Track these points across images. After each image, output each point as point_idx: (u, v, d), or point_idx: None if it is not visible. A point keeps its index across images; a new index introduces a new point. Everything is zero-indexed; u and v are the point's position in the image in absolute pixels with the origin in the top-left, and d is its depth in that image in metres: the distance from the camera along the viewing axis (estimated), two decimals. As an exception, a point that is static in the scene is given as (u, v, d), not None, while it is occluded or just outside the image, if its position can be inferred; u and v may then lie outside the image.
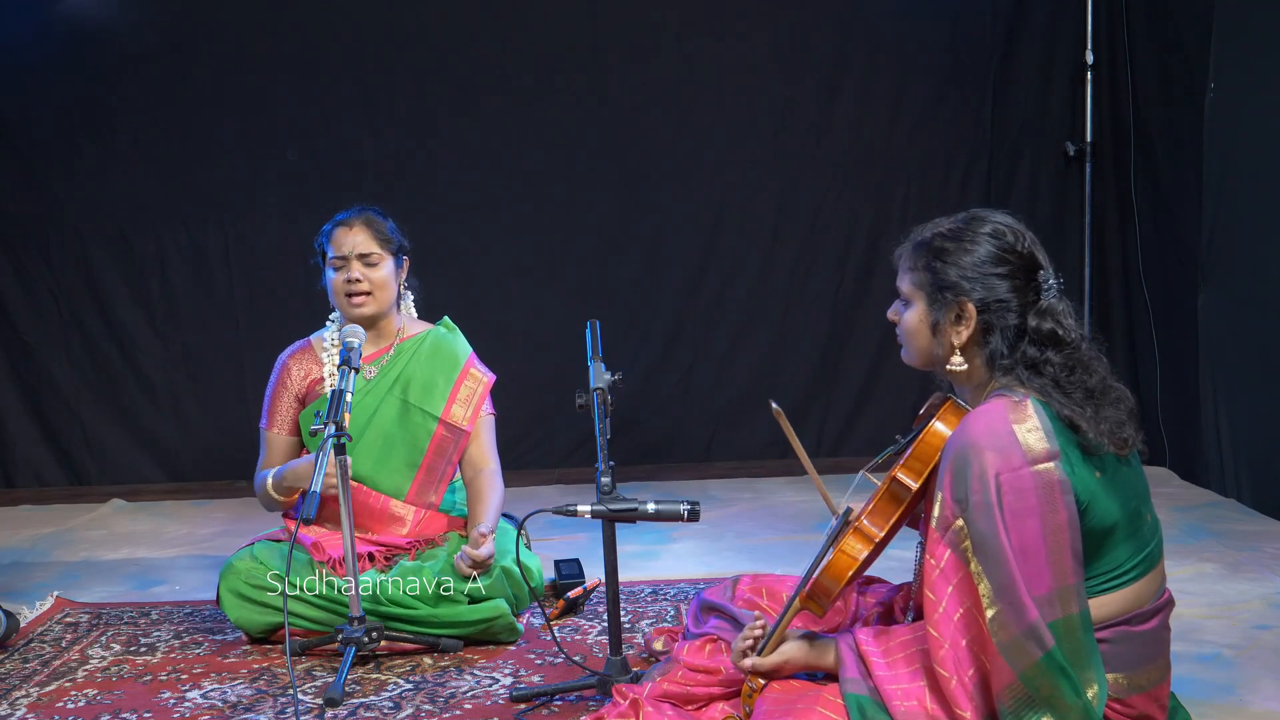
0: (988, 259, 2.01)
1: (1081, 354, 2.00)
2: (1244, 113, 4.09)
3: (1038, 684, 1.83)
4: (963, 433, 1.92)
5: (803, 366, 5.07)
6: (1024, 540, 1.85)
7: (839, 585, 2.05)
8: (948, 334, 2.03)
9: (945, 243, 2.04)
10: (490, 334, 3.69)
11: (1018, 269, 2.01)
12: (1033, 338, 1.98)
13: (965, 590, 1.89)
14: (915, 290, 2.07)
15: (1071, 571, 1.87)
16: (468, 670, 2.79)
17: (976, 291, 1.99)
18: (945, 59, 5.01)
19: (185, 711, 2.62)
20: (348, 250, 3.08)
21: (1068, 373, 1.97)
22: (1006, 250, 2.02)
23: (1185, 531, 3.79)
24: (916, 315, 2.06)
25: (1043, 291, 2.00)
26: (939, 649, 1.90)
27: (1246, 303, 4.12)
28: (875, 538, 2.05)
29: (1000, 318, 1.99)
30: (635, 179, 5.06)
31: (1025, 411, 1.90)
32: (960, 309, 2.01)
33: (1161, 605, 2.04)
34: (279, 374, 3.21)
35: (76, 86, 4.98)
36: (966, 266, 2.00)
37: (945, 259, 2.02)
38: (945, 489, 1.91)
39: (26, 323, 5.11)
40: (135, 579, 3.75)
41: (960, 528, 1.89)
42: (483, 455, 3.22)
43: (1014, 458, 1.86)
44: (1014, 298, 2.00)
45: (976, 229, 2.04)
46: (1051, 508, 1.86)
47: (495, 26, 4.99)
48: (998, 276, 2.00)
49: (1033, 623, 1.83)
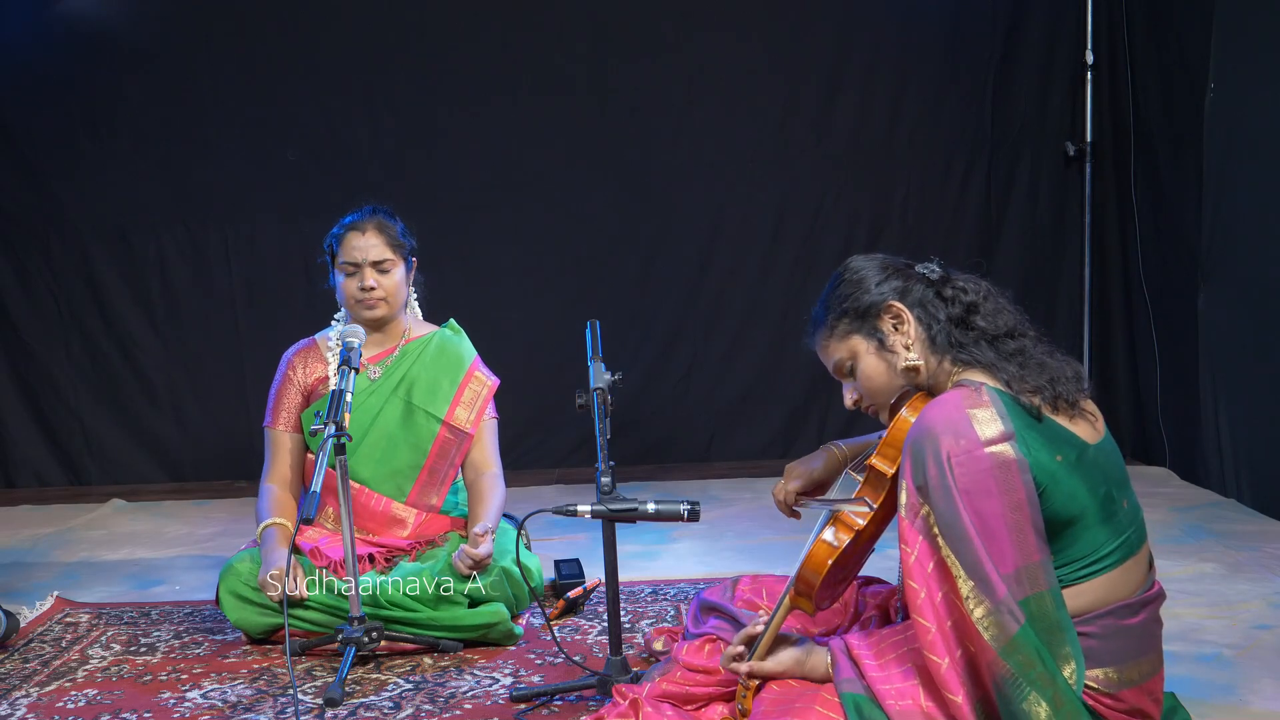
0: (875, 275, 2.16)
1: (995, 304, 2.12)
2: (1244, 113, 4.09)
3: (1018, 659, 1.87)
4: (920, 420, 1.97)
5: (803, 366, 5.06)
6: (984, 520, 1.89)
7: (819, 576, 2.06)
8: (897, 345, 2.11)
9: (838, 292, 2.17)
10: (490, 334, 3.69)
11: (899, 270, 2.17)
12: (952, 307, 2.11)
13: (941, 573, 1.92)
14: (847, 343, 2.16)
15: (1035, 549, 1.91)
16: (468, 670, 2.79)
17: (892, 294, 2.13)
18: (945, 59, 5.01)
19: (185, 711, 2.61)
20: (360, 257, 3.08)
21: (991, 319, 2.09)
22: (881, 264, 2.18)
23: (1185, 531, 3.79)
24: (866, 358, 2.14)
25: (930, 274, 2.15)
26: (927, 635, 1.93)
27: (1246, 303, 4.12)
28: (856, 526, 2.06)
29: (925, 309, 2.11)
30: (635, 179, 5.07)
31: (980, 397, 1.95)
32: (891, 311, 2.12)
33: (1150, 598, 2.04)
34: (284, 371, 3.21)
35: (76, 86, 4.98)
36: (869, 287, 2.15)
37: (851, 298, 2.15)
38: (906, 476, 1.96)
39: (26, 323, 5.11)
40: (135, 579, 3.75)
41: (926, 513, 1.93)
42: (485, 458, 3.22)
43: (967, 439, 1.91)
44: (919, 287, 2.13)
45: (847, 273, 2.19)
46: (1008, 486, 1.90)
47: (495, 26, 5.00)
48: (893, 279, 2.15)
49: (1002, 599, 1.87)
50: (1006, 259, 5.01)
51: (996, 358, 2.04)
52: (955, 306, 2.11)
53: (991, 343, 2.07)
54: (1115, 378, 4.98)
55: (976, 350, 2.06)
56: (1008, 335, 2.08)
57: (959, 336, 2.08)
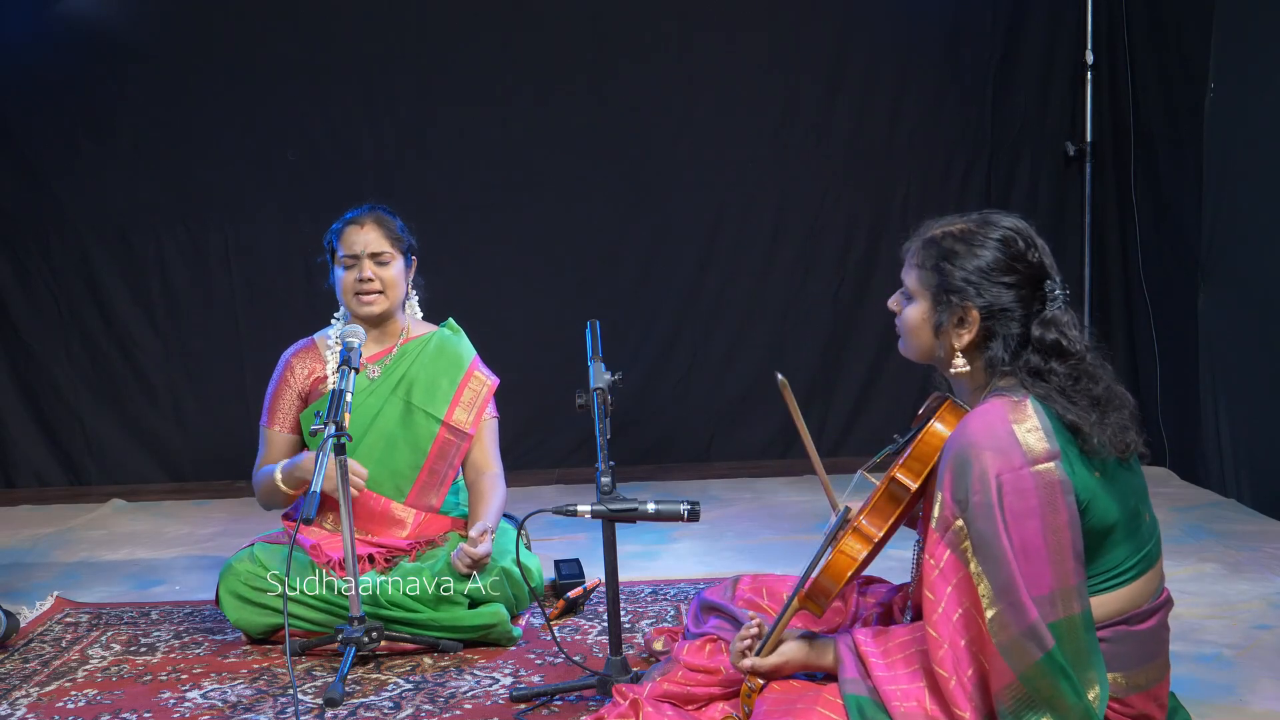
0: (996, 266, 1.99)
1: (1086, 364, 1.99)
2: (1244, 113, 4.09)
3: (1037, 684, 1.83)
4: (962, 433, 1.92)
5: (803, 367, 5.06)
6: (1025, 541, 1.85)
7: (838, 585, 2.05)
8: (950, 336, 2.02)
9: (955, 244, 2.03)
10: (490, 334, 3.69)
11: (1025, 278, 2.00)
12: (1036, 347, 1.97)
13: (964, 590, 1.89)
14: (920, 288, 2.06)
15: (1073, 572, 1.87)
16: (468, 670, 2.79)
17: (982, 298, 1.99)
18: (945, 59, 5.01)
19: (185, 711, 2.61)
20: (359, 249, 3.08)
21: (1072, 382, 1.96)
22: (1016, 258, 2.01)
23: (1185, 531, 3.79)
24: (920, 313, 2.06)
25: (1049, 302, 1.99)
26: (938, 649, 1.90)
27: (1246, 303, 4.12)
28: (874, 538, 2.05)
29: (1004, 325, 1.99)
30: (636, 179, 5.06)
31: (1025, 411, 1.90)
32: (964, 313, 2.00)
33: (1160, 605, 2.04)
34: (282, 371, 3.21)
35: (76, 86, 4.98)
36: (973, 271, 1.99)
37: (953, 261, 2.01)
38: (945, 489, 1.91)
39: (26, 323, 5.10)
40: (135, 579, 3.75)
41: (960, 528, 1.89)
42: (485, 458, 3.22)
43: (1014, 458, 1.86)
44: (1018, 306, 1.99)
45: (988, 233, 2.02)
46: (1052, 508, 1.86)
47: (495, 26, 4.99)
48: (1004, 285, 1.99)
49: (1033, 623, 1.83)
50: (1006, 259, 5.00)
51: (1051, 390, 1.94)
52: (1039, 356, 1.96)
53: (1061, 392, 1.94)
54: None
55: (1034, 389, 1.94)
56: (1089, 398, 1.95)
57: (1026, 380, 1.95)
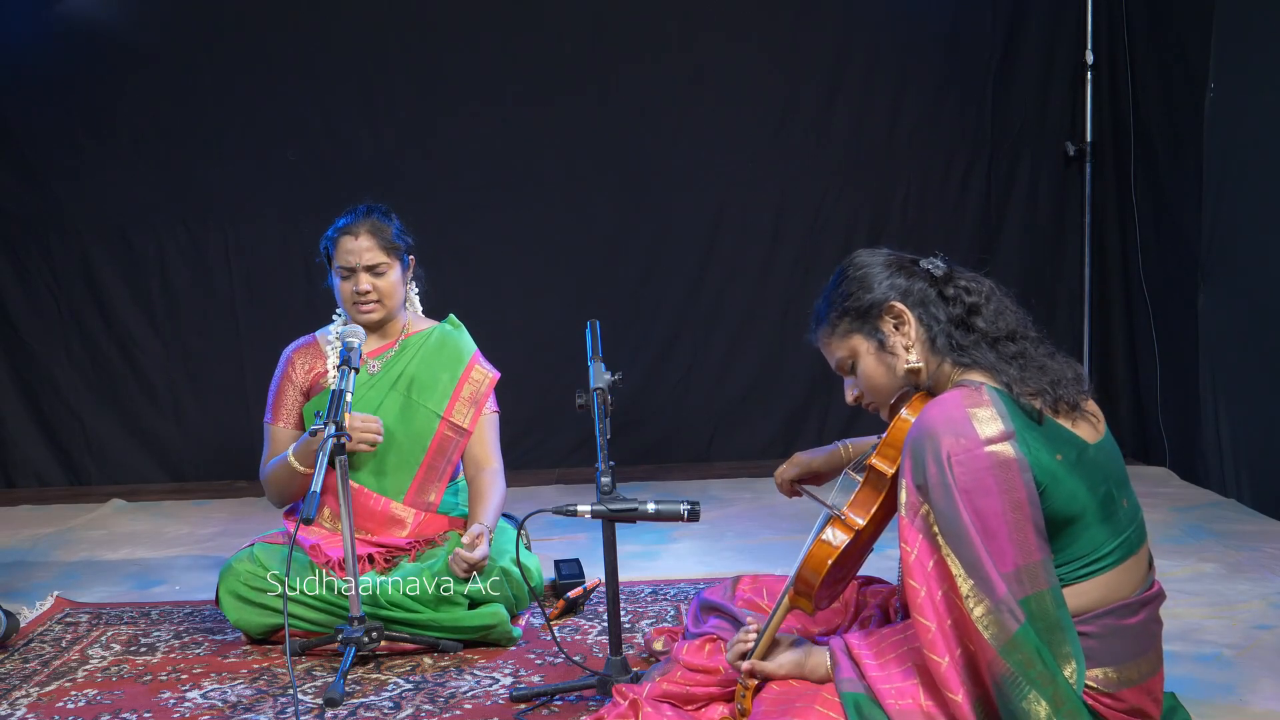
0: (881, 271, 2.15)
1: (999, 301, 2.12)
2: (1244, 113, 4.09)
3: (1017, 658, 1.87)
4: (920, 419, 1.97)
5: (803, 366, 5.06)
6: (984, 518, 1.90)
7: (819, 576, 2.06)
8: (898, 348, 2.11)
9: (841, 289, 2.17)
10: (490, 334, 3.69)
11: (904, 265, 2.17)
12: (953, 308, 2.10)
13: (941, 572, 1.92)
14: (848, 342, 2.16)
15: (1036, 548, 1.91)
16: (468, 670, 2.79)
17: (895, 290, 2.13)
18: (945, 59, 5.01)
19: (185, 711, 2.62)
20: (354, 262, 3.07)
21: (993, 321, 2.08)
22: (885, 261, 2.17)
23: (1185, 531, 3.79)
24: (866, 358, 2.15)
25: (934, 270, 2.15)
26: (927, 634, 1.93)
27: (1246, 303, 4.12)
28: (856, 526, 2.07)
29: (927, 309, 2.11)
30: (636, 179, 5.07)
31: (980, 397, 1.96)
32: (892, 312, 2.12)
33: (1149, 598, 2.05)
34: (283, 368, 3.21)
35: (76, 86, 4.98)
36: (871, 286, 2.14)
37: (852, 297, 2.14)
38: (906, 475, 1.96)
39: (26, 323, 5.11)
40: (135, 579, 3.75)
41: (926, 512, 1.93)
42: (485, 454, 3.22)
43: (966, 438, 1.91)
44: (928, 285, 2.13)
45: (851, 269, 2.18)
46: (1008, 485, 1.90)
47: (496, 26, 5.00)
48: (902, 276, 2.14)
49: (1002, 598, 1.87)
50: (1006, 259, 5.00)
51: (997, 360, 2.04)
52: (956, 307, 2.10)
53: (992, 345, 2.07)
54: (1115, 378, 4.97)
55: (977, 353, 2.06)
56: (1008, 338, 2.08)
57: (959, 339, 2.08)
